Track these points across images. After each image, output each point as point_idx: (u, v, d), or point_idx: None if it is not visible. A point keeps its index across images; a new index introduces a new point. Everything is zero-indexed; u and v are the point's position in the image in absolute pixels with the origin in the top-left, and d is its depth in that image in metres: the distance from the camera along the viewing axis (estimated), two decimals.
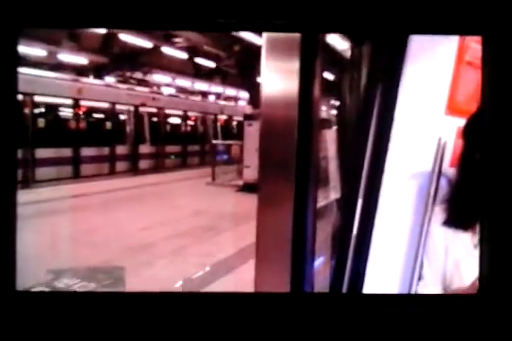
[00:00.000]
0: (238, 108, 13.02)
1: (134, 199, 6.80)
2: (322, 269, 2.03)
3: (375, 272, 1.84)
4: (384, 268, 1.83)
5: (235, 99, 14.55)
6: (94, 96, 8.89)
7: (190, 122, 12.02)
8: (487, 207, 1.65)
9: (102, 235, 4.74)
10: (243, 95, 13.85)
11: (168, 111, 10.98)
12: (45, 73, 8.03)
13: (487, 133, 1.65)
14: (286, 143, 1.91)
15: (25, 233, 1.67)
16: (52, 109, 8.29)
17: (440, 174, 1.80)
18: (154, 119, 10.57)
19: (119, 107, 9.57)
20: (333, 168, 2.26)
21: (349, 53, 2.04)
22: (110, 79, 10.66)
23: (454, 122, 1.85)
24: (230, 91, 14.42)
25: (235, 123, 13.21)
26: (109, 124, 9.42)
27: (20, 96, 7.76)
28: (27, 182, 7.08)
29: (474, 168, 1.70)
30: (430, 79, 1.85)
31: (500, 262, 1.63)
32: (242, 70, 12.46)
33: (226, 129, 12.94)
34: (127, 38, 9.77)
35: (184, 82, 12.89)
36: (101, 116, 9.35)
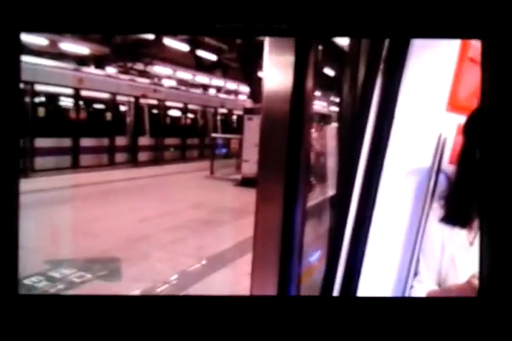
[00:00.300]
0: (238, 102, 12.99)
1: (132, 190, 6.80)
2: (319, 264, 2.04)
3: (371, 268, 1.85)
4: (380, 264, 1.83)
5: (236, 92, 14.50)
6: (94, 86, 8.85)
7: (190, 115, 11.99)
8: (486, 206, 1.65)
9: (100, 226, 4.74)
10: (244, 89, 13.81)
11: (168, 103, 10.95)
12: (46, 62, 7.99)
13: (487, 131, 1.65)
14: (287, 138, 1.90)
15: (23, 223, 1.67)
16: (51, 98, 8.25)
17: (439, 171, 1.80)
18: (154, 111, 10.54)
19: (119, 98, 9.53)
20: (332, 164, 2.27)
21: (350, 49, 2.03)
22: (111, 69, 10.61)
23: (455, 119, 1.85)
24: (231, 85, 14.38)
25: (234, 117, 13.18)
26: (109, 115, 9.39)
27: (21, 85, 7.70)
28: (26, 171, 7.07)
29: (473, 165, 1.70)
30: (432, 75, 1.84)
31: (500, 264, 1.64)
32: (244, 64, 12.41)
33: (226, 123, 12.91)
34: (129, 34, 9.70)
35: (185, 75, 12.84)
36: (101, 106, 9.32)
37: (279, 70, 1.86)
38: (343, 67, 2.08)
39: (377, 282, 1.83)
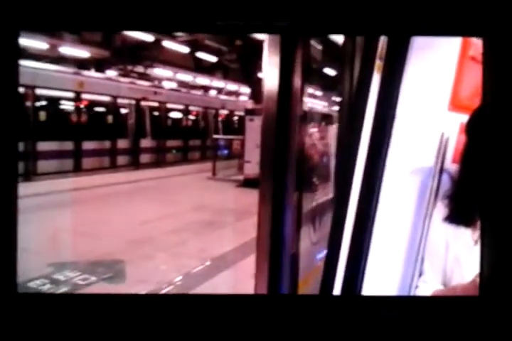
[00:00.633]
0: (239, 103, 12.98)
1: (135, 193, 6.81)
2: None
3: (375, 268, 1.84)
4: (384, 264, 1.83)
5: (237, 93, 14.50)
6: (95, 89, 8.86)
7: (191, 117, 11.99)
8: (488, 204, 1.64)
9: (102, 229, 4.75)
10: (245, 90, 13.81)
11: (169, 105, 10.95)
12: (47, 66, 8.00)
13: (489, 129, 1.65)
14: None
15: (25, 226, 1.67)
16: (52, 102, 8.27)
17: (442, 170, 1.79)
18: (155, 113, 10.54)
19: (120, 101, 9.54)
20: (334, 163, 2.26)
21: (346, 47, 2.03)
22: (111, 72, 10.62)
23: (457, 118, 1.84)
24: (232, 86, 14.37)
25: (236, 118, 13.18)
26: (110, 118, 9.40)
27: (21, 89, 7.73)
28: (28, 175, 7.08)
29: (476, 164, 1.69)
30: (433, 74, 1.84)
31: (502, 263, 1.63)
32: (244, 65, 12.41)
33: (227, 124, 12.91)
34: (129, 31, 9.72)
35: (185, 77, 12.84)
36: (102, 109, 9.33)
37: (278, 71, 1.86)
38: (341, 65, 2.08)
39: (382, 282, 1.82)
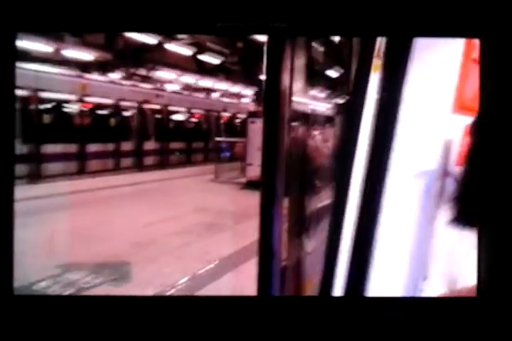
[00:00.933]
0: (242, 105, 12.99)
1: (138, 195, 6.82)
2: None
3: (379, 272, 1.84)
4: (389, 268, 1.82)
5: (239, 96, 14.51)
6: (98, 92, 8.90)
7: (193, 119, 12.01)
8: (486, 206, 1.64)
9: (106, 231, 4.75)
10: (247, 92, 13.82)
11: (172, 108, 10.97)
12: (50, 69, 8.04)
13: (493, 132, 1.64)
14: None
15: (29, 229, 1.68)
16: (56, 105, 8.30)
17: (446, 173, 1.79)
18: (158, 116, 10.57)
19: (123, 104, 9.57)
20: (336, 166, 2.26)
21: (344, 49, 2.03)
22: (114, 75, 10.66)
23: (461, 120, 1.84)
24: (234, 89, 14.39)
25: (238, 121, 13.19)
26: (113, 121, 9.43)
27: (25, 92, 7.79)
28: (33, 177, 7.10)
29: (481, 166, 1.69)
30: (437, 76, 1.84)
31: (499, 264, 1.63)
32: (246, 67, 12.42)
33: (230, 126, 12.92)
34: (132, 34, 9.75)
35: (188, 79, 12.87)
36: (105, 112, 9.36)
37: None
38: (343, 66, 2.08)
39: (386, 286, 1.82)
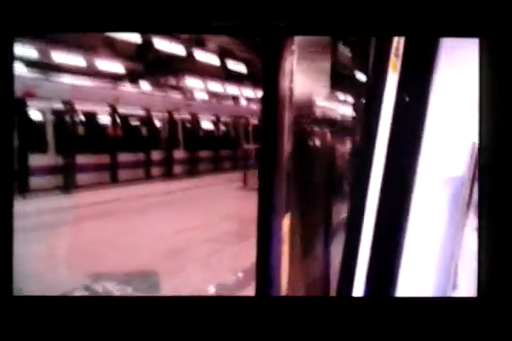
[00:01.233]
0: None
1: (166, 204, 6.93)
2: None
3: (407, 279, 1.81)
4: (416, 277, 1.79)
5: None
6: (130, 103, 9.13)
7: (222, 127, 12.13)
8: (488, 206, 1.59)
9: (137, 239, 4.85)
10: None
11: (200, 115, 11.13)
12: (83, 81, 8.31)
13: (493, 132, 1.59)
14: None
15: (61, 236, 1.73)
16: (90, 116, 8.56)
17: (474, 178, 1.74)
18: (187, 125, 10.73)
19: (154, 113, 9.78)
20: (355, 173, 2.23)
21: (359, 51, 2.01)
22: (145, 85, 10.91)
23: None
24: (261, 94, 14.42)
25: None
26: (144, 130, 9.63)
27: (60, 105, 8.09)
28: (67, 187, 7.33)
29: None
30: (463, 82, 1.80)
31: (500, 264, 1.58)
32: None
33: (257, 133, 12.93)
34: (162, 44, 9.96)
35: (216, 87, 13.03)
36: (137, 122, 9.58)
37: (307, 78, 1.87)
38: (374, 75, 2.07)
39: (414, 293, 1.78)
